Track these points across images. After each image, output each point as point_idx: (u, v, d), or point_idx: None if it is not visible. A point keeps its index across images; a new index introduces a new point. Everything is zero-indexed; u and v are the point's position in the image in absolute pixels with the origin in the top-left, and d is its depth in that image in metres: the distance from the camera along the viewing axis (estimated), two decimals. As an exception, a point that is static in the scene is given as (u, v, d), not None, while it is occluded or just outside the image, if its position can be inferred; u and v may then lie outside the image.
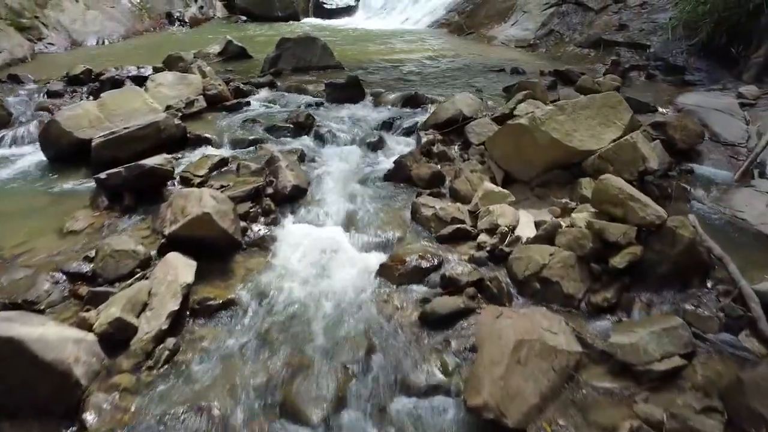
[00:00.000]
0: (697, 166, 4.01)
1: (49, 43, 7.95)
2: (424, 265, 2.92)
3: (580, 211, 3.22)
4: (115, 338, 2.38)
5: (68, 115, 4.23)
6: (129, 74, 6.00)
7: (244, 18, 12.95)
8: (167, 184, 3.67)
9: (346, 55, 7.53)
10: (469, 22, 10.47)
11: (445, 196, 3.67)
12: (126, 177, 3.45)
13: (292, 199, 3.62)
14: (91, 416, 2.10)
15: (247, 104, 5.35)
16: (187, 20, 12.02)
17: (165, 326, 2.40)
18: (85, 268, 2.84)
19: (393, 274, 2.91)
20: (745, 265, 2.74)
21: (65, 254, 3.02)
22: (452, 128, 4.48)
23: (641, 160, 3.38)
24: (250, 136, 4.51)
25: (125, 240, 2.91)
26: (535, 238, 2.94)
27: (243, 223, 3.29)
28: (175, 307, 2.45)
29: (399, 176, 3.92)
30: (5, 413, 2.11)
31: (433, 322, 2.57)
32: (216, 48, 7.52)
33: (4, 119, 4.92)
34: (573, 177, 3.55)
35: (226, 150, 4.38)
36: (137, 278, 2.76)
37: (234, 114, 5.08)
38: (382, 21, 12.42)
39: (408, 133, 4.71)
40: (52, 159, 4.30)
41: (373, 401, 2.23)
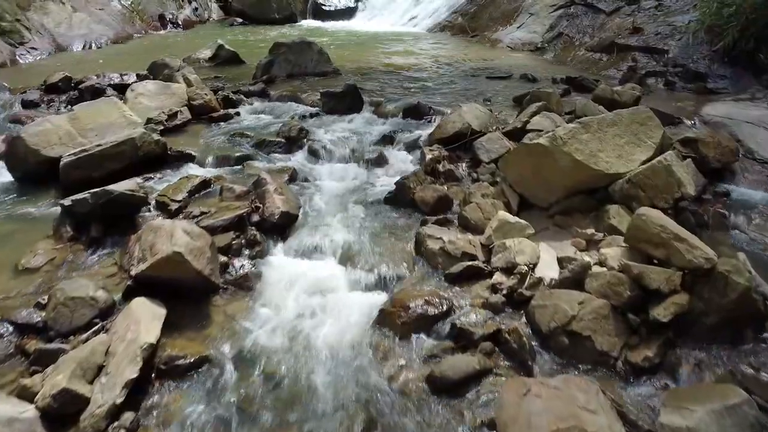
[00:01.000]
0: (734, 187, 3.60)
1: (32, 48, 7.53)
2: (430, 311, 2.51)
3: (609, 244, 2.82)
4: (62, 413, 1.98)
5: (35, 131, 3.82)
6: (111, 82, 5.58)
7: (240, 20, 12.55)
8: (141, 210, 3.26)
9: (344, 60, 7.12)
10: (473, 24, 10.06)
11: (453, 223, 3.26)
12: (92, 204, 3.05)
13: (281, 228, 3.21)
14: None
15: (237, 115, 4.94)
16: (180, 23, 11.62)
17: (120, 399, 1.99)
18: (36, 318, 2.43)
19: (395, 323, 2.50)
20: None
21: (17, 298, 2.62)
22: (460, 144, 4.08)
23: (677, 185, 2.98)
24: (238, 153, 4.10)
25: (82, 285, 2.50)
26: (561, 282, 2.53)
27: (224, 258, 2.90)
28: (134, 374, 2.03)
29: (401, 200, 3.52)
30: None
31: (443, 388, 2.16)
32: (207, 53, 7.12)
33: (-30, 134, 4.51)
34: (598, 203, 3.14)
35: (210, 169, 3.97)
36: (94, 331, 2.36)
37: (221, 126, 4.67)
38: (382, 23, 12.02)
39: (410, 147, 4.30)
40: (19, 179, 3.88)
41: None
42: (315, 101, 5.26)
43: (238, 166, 3.99)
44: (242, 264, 2.92)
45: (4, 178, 3.95)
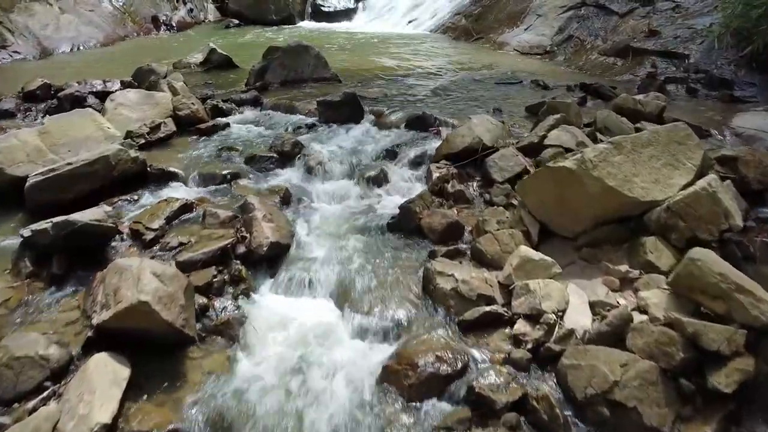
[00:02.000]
0: (778, 212, 3.21)
1: (14, 52, 7.15)
2: (443, 370, 2.14)
3: (648, 285, 2.44)
4: None
5: (-1, 148, 3.44)
6: (93, 89, 5.17)
7: (237, 21, 12.14)
8: (111, 240, 2.89)
9: (343, 65, 6.73)
10: (477, 26, 9.66)
11: (465, 255, 2.87)
12: (54, 236, 2.67)
13: (270, 261, 2.84)
14: None
15: (227, 126, 4.54)
16: (174, 24, 11.22)
17: (63, 499, 1.61)
18: (-25, 381, 2.06)
19: (401, 383, 2.12)
20: None
21: (-44, 352, 2.24)
22: (470, 160, 3.69)
23: (723, 216, 2.59)
24: (225, 170, 3.71)
25: (31, 341, 2.12)
26: (598, 336, 2.14)
27: (203, 300, 2.52)
28: (81, 466, 1.66)
29: (406, 226, 3.13)
30: None
31: (460, 476, 1.79)
32: (198, 57, 6.72)
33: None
34: (631, 234, 2.76)
35: (193, 188, 3.58)
36: (43, 399, 1.98)
37: (209, 139, 4.28)
38: (383, 25, 11.62)
39: (415, 164, 3.90)
40: (-17, 201, 3.50)
41: None
42: (311, 110, 4.87)
43: (225, 185, 3.60)
44: (224, 306, 2.55)
45: (-32, 199, 3.58)
